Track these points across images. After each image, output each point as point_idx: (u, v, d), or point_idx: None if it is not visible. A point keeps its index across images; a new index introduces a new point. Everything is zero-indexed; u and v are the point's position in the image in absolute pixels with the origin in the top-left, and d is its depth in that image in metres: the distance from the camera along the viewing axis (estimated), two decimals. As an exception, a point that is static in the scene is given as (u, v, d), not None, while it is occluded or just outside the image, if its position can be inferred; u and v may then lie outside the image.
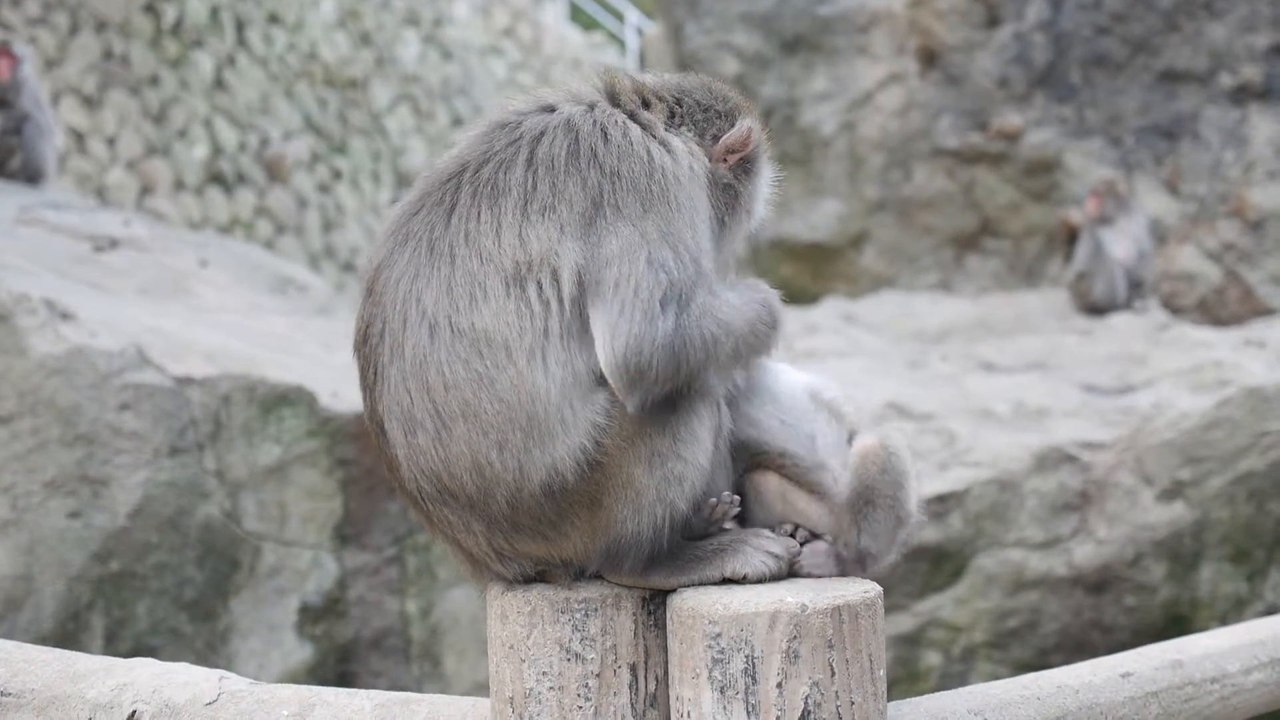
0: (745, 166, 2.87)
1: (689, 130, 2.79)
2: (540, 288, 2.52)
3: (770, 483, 2.73)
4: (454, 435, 2.54)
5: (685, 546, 2.59)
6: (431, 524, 2.68)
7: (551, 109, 2.73)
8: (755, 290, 2.72)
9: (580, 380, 2.54)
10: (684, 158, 2.70)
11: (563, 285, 2.52)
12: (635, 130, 2.68)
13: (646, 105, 2.77)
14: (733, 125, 2.84)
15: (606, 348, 2.51)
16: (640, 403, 2.52)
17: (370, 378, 2.65)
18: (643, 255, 2.53)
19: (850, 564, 2.66)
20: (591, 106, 2.72)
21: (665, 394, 2.53)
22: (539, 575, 2.63)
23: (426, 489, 2.61)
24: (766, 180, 2.95)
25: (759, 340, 2.66)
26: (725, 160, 2.82)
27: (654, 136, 2.70)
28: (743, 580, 2.53)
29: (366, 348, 2.65)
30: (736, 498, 2.68)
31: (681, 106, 2.82)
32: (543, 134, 2.65)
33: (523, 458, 2.52)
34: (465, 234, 2.58)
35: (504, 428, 2.51)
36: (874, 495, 2.64)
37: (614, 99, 2.76)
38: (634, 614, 2.52)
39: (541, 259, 2.53)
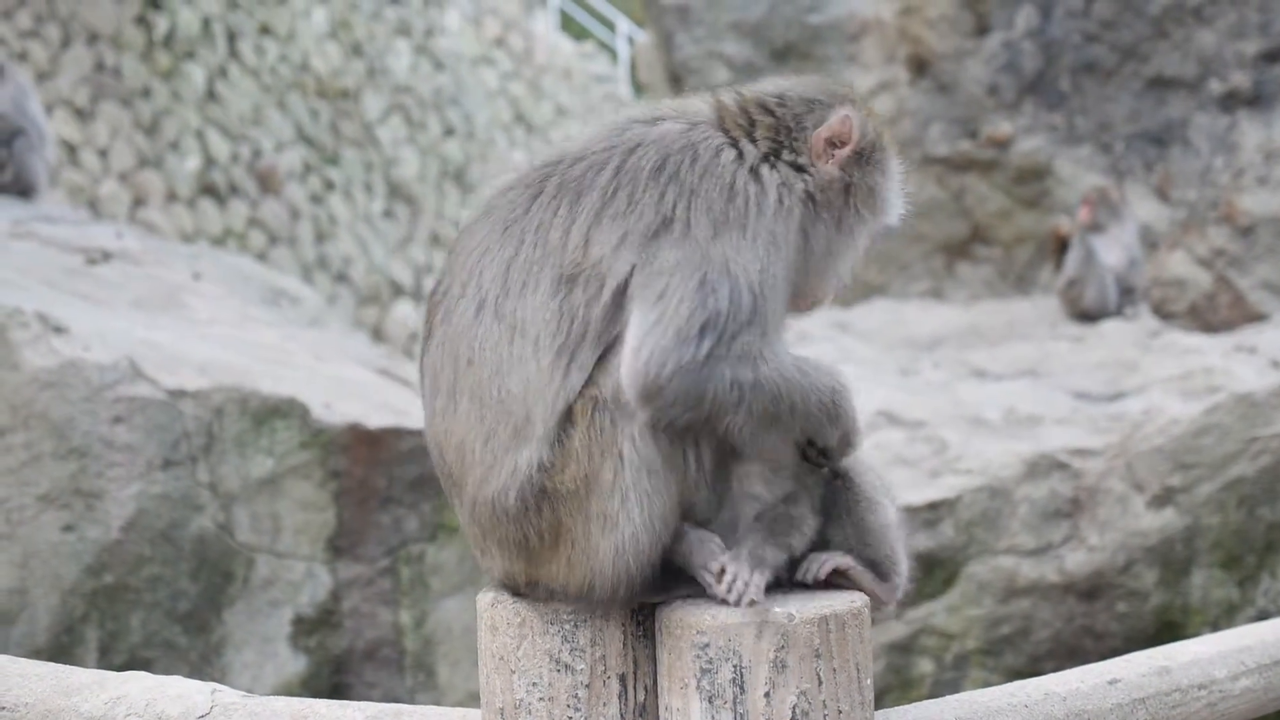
0: (861, 159, 2.74)
1: (789, 154, 2.67)
2: (584, 291, 2.51)
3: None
4: (458, 410, 2.57)
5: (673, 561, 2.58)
6: (444, 489, 2.71)
7: (657, 122, 2.68)
8: (829, 374, 2.58)
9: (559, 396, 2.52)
10: (772, 189, 2.60)
11: (604, 294, 2.50)
12: (728, 154, 2.61)
13: (751, 128, 2.68)
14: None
15: (630, 353, 2.46)
16: (653, 420, 2.46)
17: (427, 330, 2.69)
18: (698, 276, 2.46)
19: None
20: (692, 126, 2.66)
21: (686, 423, 2.46)
22: (502, 587, 2.62)
23: (434, 453, 2.66)
24: (892, 173, 2.81)
25: (810, 418, 2.54)
26: (832, 156, 2.71)
27: (745, 163, 2.61)
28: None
29: (431, 301, 2.69)
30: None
31: (785, 107, 2.71)
32: (638, 145, 2.61)
33: (500, 455, 2.53)
34: (538, 223, 2.57)
35: (498, 419, 2.52)
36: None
37: (718, 121, 2.68)
38: (623, 625, 2.54)
39: (595, 264, 2.51)
